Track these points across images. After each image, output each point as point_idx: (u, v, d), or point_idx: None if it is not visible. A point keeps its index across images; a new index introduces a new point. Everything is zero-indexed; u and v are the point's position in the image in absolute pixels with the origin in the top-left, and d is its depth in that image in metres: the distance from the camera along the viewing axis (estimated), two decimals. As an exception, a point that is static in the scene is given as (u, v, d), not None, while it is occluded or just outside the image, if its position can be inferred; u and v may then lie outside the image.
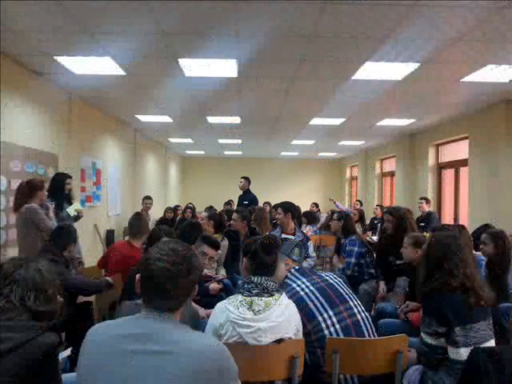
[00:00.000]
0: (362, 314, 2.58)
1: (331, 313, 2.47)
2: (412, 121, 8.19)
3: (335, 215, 5.07)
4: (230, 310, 2.14)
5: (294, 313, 2.26)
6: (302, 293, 2.53)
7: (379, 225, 7.46)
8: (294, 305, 2.30)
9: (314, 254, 4.90)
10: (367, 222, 8.53)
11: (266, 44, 4.25)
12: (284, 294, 2.27)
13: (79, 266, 3.76)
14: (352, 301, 2.60)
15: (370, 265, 4.55)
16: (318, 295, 2.51)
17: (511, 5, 3.28)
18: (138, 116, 8.21)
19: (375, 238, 7.24)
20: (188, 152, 14.96)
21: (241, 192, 8.15)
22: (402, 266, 3.87)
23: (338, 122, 8.40)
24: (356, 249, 4.53)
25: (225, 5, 3.40)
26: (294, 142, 11.58)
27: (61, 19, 3.71)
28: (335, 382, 2.30)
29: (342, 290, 2.62)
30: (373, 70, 4.99)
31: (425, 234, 4.01)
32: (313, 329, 2.42)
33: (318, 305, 2.48)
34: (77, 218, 5.08)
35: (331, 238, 6.72)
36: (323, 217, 9.79)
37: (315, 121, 8.34)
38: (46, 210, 4.32)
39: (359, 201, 10.57)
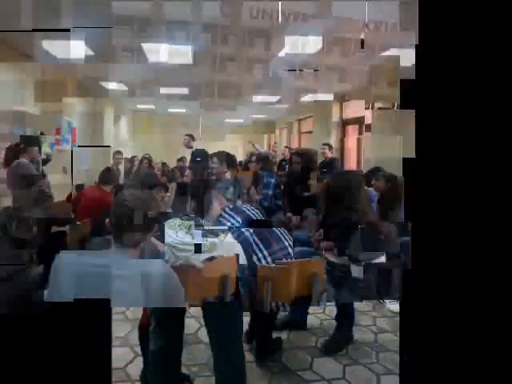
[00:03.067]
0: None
1: (265, 252, 2.35)
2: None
3: (253, 157, 4.87)
4: (168, 234, 2.02)
5: (238, 252, 2.13)
6: (247, 233, 2.33)
7: (287, 166, 6.92)
8: (239, 245, 2.18)
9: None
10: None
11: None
12: (230, 235, 2.15)
13: (48, 199, 3.66)
14: (287, 241, 2.46)
15: (279, 196, 4.31)
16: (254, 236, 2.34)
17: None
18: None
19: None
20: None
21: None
22: (310, 199, 3.72)
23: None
24: (273, 181, 4.33)
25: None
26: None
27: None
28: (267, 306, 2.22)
29: (277, 231, 2.48)
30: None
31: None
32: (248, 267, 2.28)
33: (254, 246, 2.35)
34: (45, 161, 4.96)
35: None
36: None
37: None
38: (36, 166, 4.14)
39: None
